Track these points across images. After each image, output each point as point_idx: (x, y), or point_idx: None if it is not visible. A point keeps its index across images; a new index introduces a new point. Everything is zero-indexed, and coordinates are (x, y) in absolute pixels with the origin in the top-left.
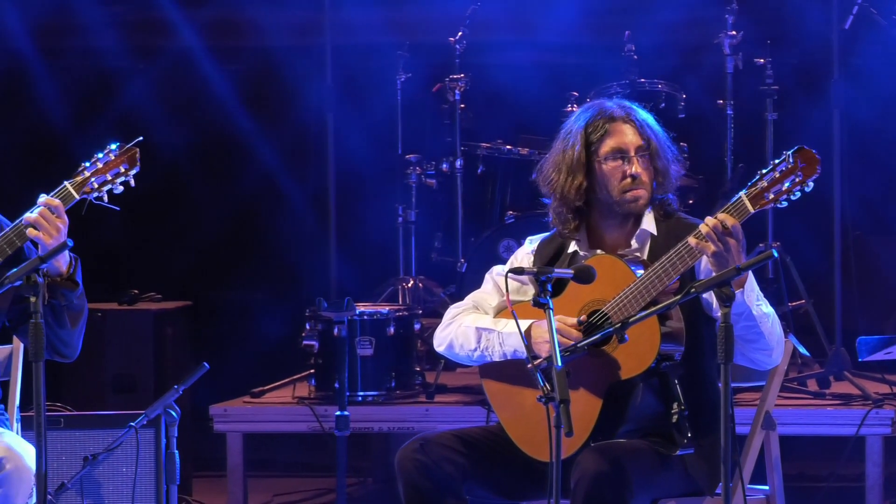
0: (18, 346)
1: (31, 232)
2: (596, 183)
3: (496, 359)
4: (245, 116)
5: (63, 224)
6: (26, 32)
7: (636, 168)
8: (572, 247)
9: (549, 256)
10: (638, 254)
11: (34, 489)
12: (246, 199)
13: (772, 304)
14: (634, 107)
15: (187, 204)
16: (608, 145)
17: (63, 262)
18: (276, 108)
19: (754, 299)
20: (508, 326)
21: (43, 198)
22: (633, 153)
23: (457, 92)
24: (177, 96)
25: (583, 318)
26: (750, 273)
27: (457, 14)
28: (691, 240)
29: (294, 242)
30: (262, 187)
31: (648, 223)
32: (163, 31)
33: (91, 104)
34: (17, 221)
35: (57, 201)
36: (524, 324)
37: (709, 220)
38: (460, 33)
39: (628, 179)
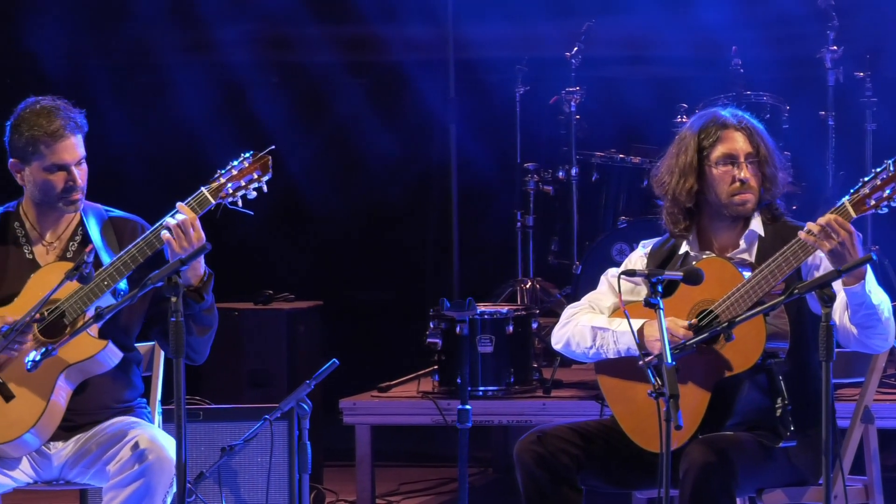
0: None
1: (164, 235)
2: (706, 186)
3: (610, 356)
4: (372, 127)
5: (198, 239)
6: (172, 48)
7: (745, 173)
8: (683, 248)
9: (661, 259)
10: (745, 255)
11: (174, 478)
12: (374, 205)
13: None
14: (746, 116)
15: (319, 209)
16: (719, 151)
17: (196, 275)
18: (402, 119)
19: (871, 288)
20: (622, 326)
21: (179, 205)
22: (742, 159)
23: (572, 104)
24: (307, 107)
25: (693, 321)
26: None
27: (573, 30)
28: (801, 234)
29: (419, 246)
30: (389, 194)
31: (756, 225)
32: (292, 46)
33: (224, 114)
34: (157, 224)
35: (193, 216)
36: (636, 323)
37: (822, 218)
38: (576, 48)
39: (737, 184)
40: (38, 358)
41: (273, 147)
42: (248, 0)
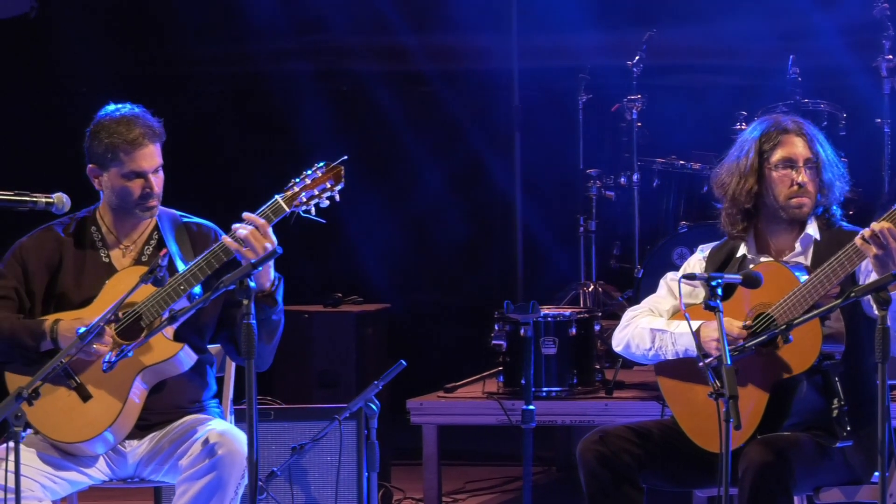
0: None
1: (234, 246)
2: (765, 188)
3: (669, 357)
4: (438, 135)
5: (271, 244)
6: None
7: (803, 177)
8: (741, 251)
9: (720, 262)
10: (801, 258)
11: (245, 471)
12: (440, 210)
13: None
14: (806, 123)
15: (385, 214)
16: (779, 154)
17: (267, 279)
18: (467, 127)
19: None
20: (680, 328)
21: (247, 215)
22: (801, 164)
23: (634, 111)
24: (374, 115)
25: (748, 322)
26: None
27: (634, 40)
28: (857, 240)
29: (484, 250)
30: (454, 200)
31: (812, 229)
32: (359, 56)
33: (292, 123)
34: (232, 231)
35: (262, 221)
36: (695, 325)
37: (874, 225)
38: (637, 57)
39: (795, 187)
40: (113, 359)
41: (346, 157)
42: (313, 11)
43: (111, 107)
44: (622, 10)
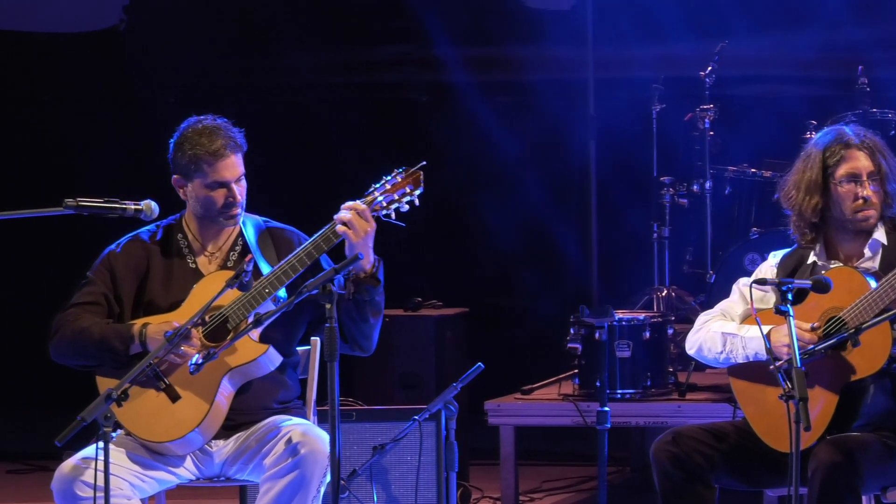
0: (315, 347)
1: (340, 228)
2: (831, 202)
3: (739, 361)
4: (516, 143)
5: (371, 227)
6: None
7: (867, 191)
8: (811, 258)
9: (791, 268)
10: (870, 263)
11: (328, 470)
12: (516, 217)
13: None
14: (869, 133)
15: (463, 222)
16: (843, 169)
17: (368, 261)
18: (544, 136)
19: None
20: (751, 332)
21: (348, 203)
22: (865, 177)
23: (706, 120)
24: (453, 124)
25: (817, 324)
26: None
27: (707, 51)
28: None
29: (560, 256)
30: (529, 207)
31: (880, 235)
32: (438, 66)
33: (373, 132)
34: (319, 233)
35: (363, 206)
36: (766, 329)
37: None
38: (710, 68)
39: (860, 201)
40: (200, 361)
41: (424, 163)
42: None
43: (194, 118)
44: (695, 21)
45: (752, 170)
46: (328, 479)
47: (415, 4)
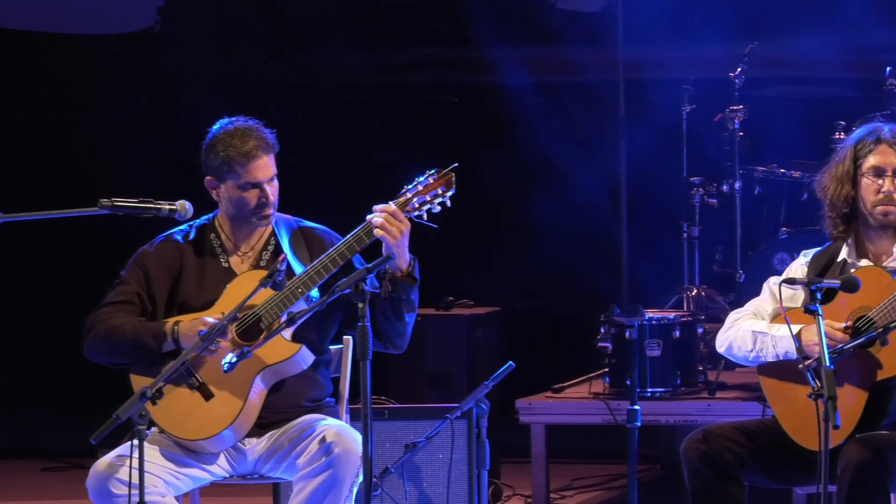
0: (348, 346)
1: (377, 232)
2: (859, 194)
3: (769, 359)
4: (546, 144)
5: (405, 227)
6: (353, 71)
7: (888, 186)
8: (841, 257)
9: (821, 267)
10: None
11: (360, 470)
12: (548, 217)
13: None
14: None
15: (494, 221)
16: (869, 162)
17: (403, 261)
18: (575, 136)
19: None
20: (781, 331)
21: (380, 206)
22: (889, 172)
23: (736, 121)
24: (485, 125)
25: (848, 323)
26: None
27: (736, 52)
28: None
29: (590, 256)
30: (561, 207)
31: None
32: (472, 67)
33: (410, 132)
34: (353, 232)
35: (394, 207)
36: (795, 329)
37: None
38: (739, 69)
39: (881, 195)
40: (234, 360)
41: (456, 165)
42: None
43: (225, 120)
44: (725, 23)
45: (782, 170)
46: (361, 478)
47: (447, 7)
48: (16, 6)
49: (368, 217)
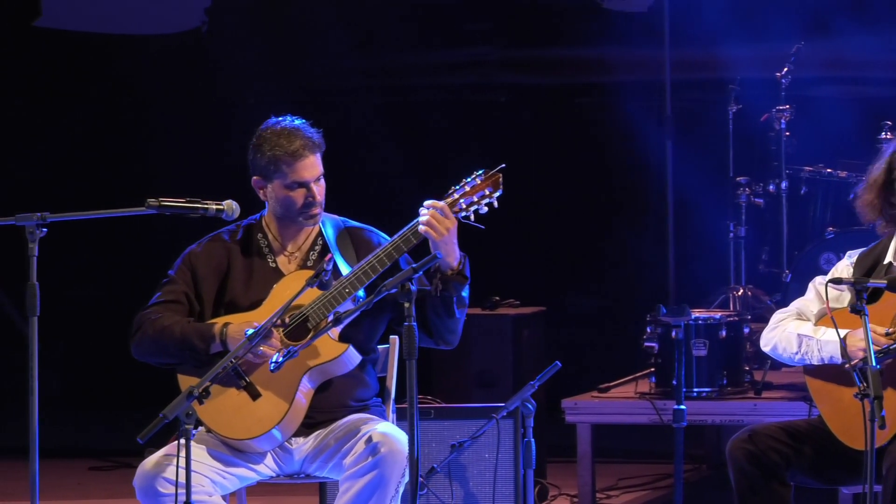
0: (394, 346)
1: (423, 229)
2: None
3: (814, 363)
4: (593, 144)
5: (452, 223)
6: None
7: None
8: (888, 258)
9: (867, 267)
10: None
11: (406, 470)
12: (593, 217)
13: None
14: None
15: (540, 221)
16: None
17: (453, 258)
18: (621, 136)
19: None
20: (826, 335)
21: (429, 202)
22: None
23: (782, 121)
24: (531, 124)
25: (892, 329)
26: None
27: (782, 52)
28: None
29: (636, 255)
30: (608, 207)
31: None
32: (517, 68)
33: (458, 132)
34: (400, 234)
35: (443, 203)
36: (842, 332)
37: None
38: (786, 69)
39: None
40: (280, 359)
41: (504, 165)
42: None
43: (272, 120)
44: (771, 23)
45: (828, 170)
46: (407, 479)
47: (493, 6)
48: (64, 7)
49: (404, 229)
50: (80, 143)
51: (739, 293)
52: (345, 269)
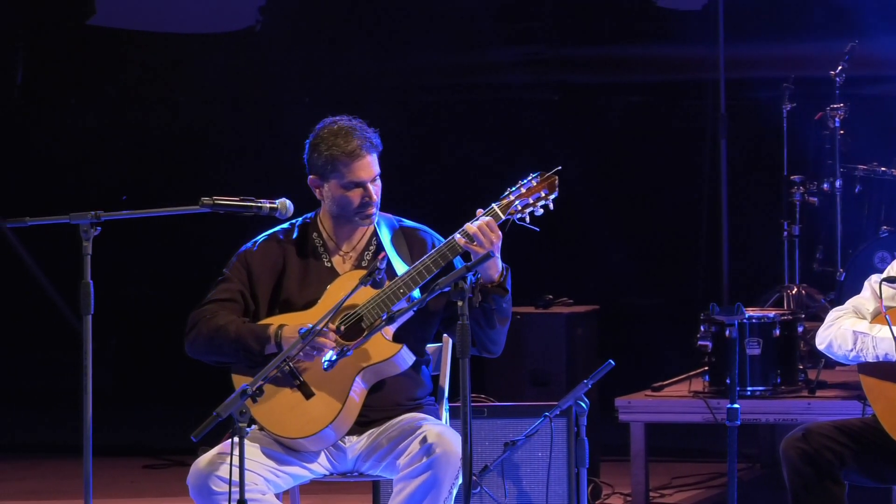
0: (447, 345)
1: (463, 242)
2: None
3: (869, 360)
4: (647, 142)
5: (497, 238)
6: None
7: None
8: None
9: None
10: None
11: (460, 471)
12: (647, 216)
13: None
14: None
15: (594, 221)
16: None
17: (495, 270)
18: (675, 134)
19: None
20: (882, 332)
21: (479, 221)
22: None
23: (836, 119)
24: (583, 124)
25: None
26: None
27: (837, 50)
28: None
29: (691, 254)
30: (662, 206)
31: None
32: (567, 66)
33: (503, 133)
34: (454, 235)
35: (489, 218)
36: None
37: None
38: (840, 67)
39: None
40: (334, 358)
41: (560, 168)
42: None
43: (329, 119)
44: (825, 21)
45: (883, 168)
46: (460, 480)
47: (544, 4)
48: (117, 5)
49: (466, 224)
50: (133, 141)
51: (793, 292)
52: (400, 269)
